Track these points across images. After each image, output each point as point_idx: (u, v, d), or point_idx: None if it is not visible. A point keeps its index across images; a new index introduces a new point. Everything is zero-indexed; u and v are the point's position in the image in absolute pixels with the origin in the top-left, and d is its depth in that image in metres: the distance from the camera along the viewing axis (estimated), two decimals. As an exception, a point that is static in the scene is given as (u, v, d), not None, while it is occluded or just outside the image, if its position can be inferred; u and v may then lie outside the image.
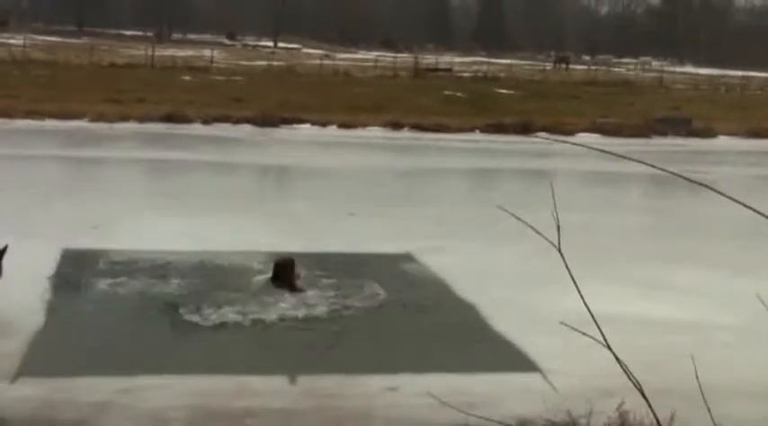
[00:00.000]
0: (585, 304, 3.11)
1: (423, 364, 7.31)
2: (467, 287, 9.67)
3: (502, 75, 61.40)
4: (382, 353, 7.62)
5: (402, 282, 10.09)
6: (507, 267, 10.69)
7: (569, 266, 3.71)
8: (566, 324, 3.41)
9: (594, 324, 3.51)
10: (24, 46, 58.93)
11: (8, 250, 8.33)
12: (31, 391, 6.40)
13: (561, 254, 3.06)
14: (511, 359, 7.59)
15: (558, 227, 3.14)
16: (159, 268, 10.21)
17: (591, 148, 3.46)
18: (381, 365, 7.25)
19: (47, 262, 9.93)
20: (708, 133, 31.40)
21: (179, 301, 8.88)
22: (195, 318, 8.33)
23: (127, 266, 10.18)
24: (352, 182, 18.13)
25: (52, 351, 7.32)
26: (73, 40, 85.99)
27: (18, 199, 13.77)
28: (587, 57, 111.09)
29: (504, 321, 8.51)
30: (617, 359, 3.04)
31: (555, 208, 3.25)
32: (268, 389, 6.66)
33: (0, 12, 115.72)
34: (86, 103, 29.24)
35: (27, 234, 11.24)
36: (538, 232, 3.41)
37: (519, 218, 3.71)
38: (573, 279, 3.15)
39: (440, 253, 11.14)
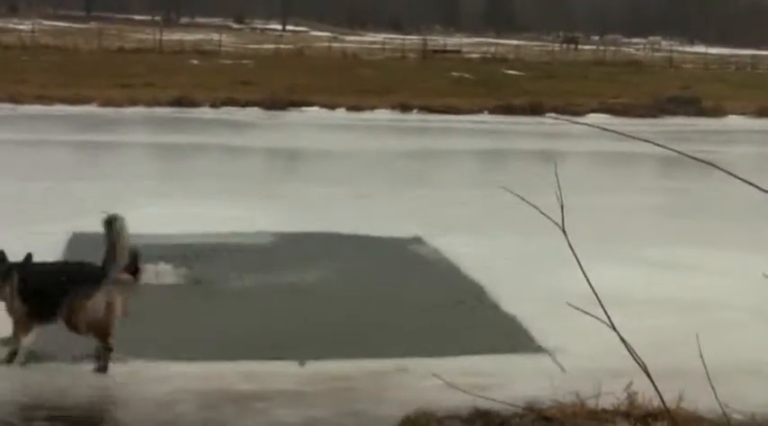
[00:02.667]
0: (590, 284, 3.11)
1: (432, 346, 7.31)
2: (476, 268, 9.66)
3: (510, 56, 61.35)
4: (392, 335, 7.62)
5: (411, 264, 10.09)
6: (517, 248, 10.68)
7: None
8: (572, 305, 3.41)
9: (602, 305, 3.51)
10: (33, 31, 58.99)
11: (15, 239, 8.29)
12: (38, 375, 6.41)
13: (565, 234, 3.05)
14: (520, 340, 7.59)
15: (563, 208, 3.14)
16: (168, 251, 10.22)
17: (598, 128, 3.44)
18: (391, 347, 7.25)
19: (56, 247, 9.94)
20: (717, 112, 31.32)
21: (187, 283, 8.91)
22: (203, 299, 8.35)
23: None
24: (361, 165, 18.13)
25: (58, 337, 7.32)
26: (81, 25, 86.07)
27: (26, 185, 13.81)
28: (596, 38, 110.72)
29: (514, 302, 8.50)
30: (622, 339, 3.04)
31: (559, 189, 3.25)
32: (277, 372, 6.67)
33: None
34: (95, 88, 29.32)
35: (36, 219, 11.28)
36: (543, 213, 3.41)
37: (524, 200, 3.71)
38: (578, 260, 3.15)
39: (449, 235, 11.13)
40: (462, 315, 8.33)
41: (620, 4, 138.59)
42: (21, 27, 69.31)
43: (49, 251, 9.65)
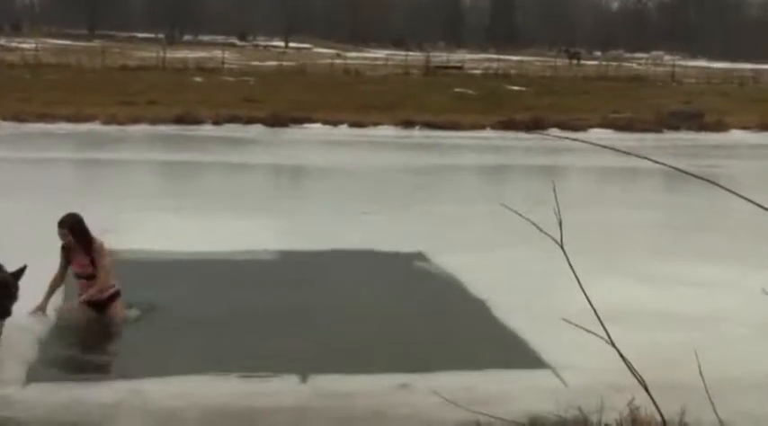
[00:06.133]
0: (588, 300, 3.12)
1: (434, 362, 7.31)
2: (478, 284, 9.67)
3: (513, 71, 61.31)
4: (393, 351, 7.62)
5: (414, 280, 10.10)
6: (520, 264, 10.67)
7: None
8: (567, 321, 3.41)
9: (604, 321, 3.51)
10: (36, 50, 59.15)
11: (19, 256, 8.22)
12: (42, 395, 6.43)
13: (563, 250, 3.07)
14: (522, 356, 7.58)
15: (561, 224, 3.15)
16: (171, 268, 10.24)
17: (594, 145, 3.46)
18: (392, 363, 7.25)
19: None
20: (720, 127, 31.33)
21: (187, 301, 8.92)
22: (208, 316, 8.35)
23: (139, 268, 10.21)
24: (365, 182, 18.15)
25: (62, 356, 7.34)
26: (85, 43, 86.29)
27: (30, 203, 13.82)
28: (598, 53, 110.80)
29: (516, 318, 8.51)
30: (620, 354, 3.05)
31: (557, 205, 3.26)
32: (278, 388, 6.68)
33: (13, 16, 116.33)
34: (98, 106, 29.36)
35: (39, 238, 11.27)
36: (541, 229, 3.42)
37: (523, 216, 3.72)
38: (575, 275, 3.16)
39: (452, 251, 11.13)
40: (464, 330, 8.33)
41: (623, 19, 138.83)
42: (24, 45, 69.49)
43: (50, 272, 9.65)
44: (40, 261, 9.92)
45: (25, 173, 17.82)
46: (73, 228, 8.80)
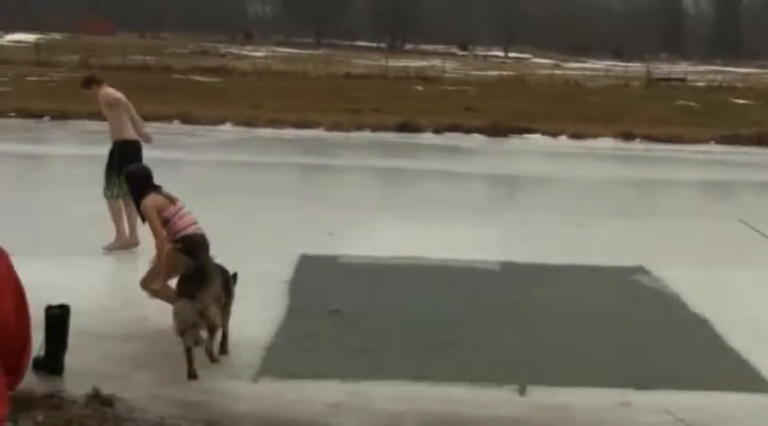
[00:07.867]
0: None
1: (654, 379, 7.19)
2: (701, 302, 9.43)
3: (739, 84, 59.12)
4: (612, 366, 7.55)
5: (633, 295, 9.95)
6: (745, 283, 10.35)
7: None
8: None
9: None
10: (266, 58, 61.44)
11: (245, 260, 8.49)
12: (270, 391, 6.71)
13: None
14: (746, 377, 7.36)
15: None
16: (388, 273, 10.45)
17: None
18: (612, 378, 7.18)
19: (286, 267, 10.33)
20: None
21: (404, 306, 9.09)
22: (429, 323, 8.49)
23: (357, 271, 10.48)
24: (583, 193, 17.96)
25: (289, 354, 7.61)
26: (311, 52, 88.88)
27: (259, 204, 14.41)
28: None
29: (740, 339, 8.25)
30: None
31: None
32: (496, 398, 6.73)
33: (245, 26, 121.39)
34: (323, 113, 30.23)
35: (266, 238, 11.76)
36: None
37: (760, 232, 3.64)
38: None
39: (674, 266, 10.88)
40: (686, 348, 8.15)
41: None
42: (255, 54, 72.41)
43: (277, 272, 10.03)
44: (265, 264, 10.33)
45: (256, 175, 18.59)
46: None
